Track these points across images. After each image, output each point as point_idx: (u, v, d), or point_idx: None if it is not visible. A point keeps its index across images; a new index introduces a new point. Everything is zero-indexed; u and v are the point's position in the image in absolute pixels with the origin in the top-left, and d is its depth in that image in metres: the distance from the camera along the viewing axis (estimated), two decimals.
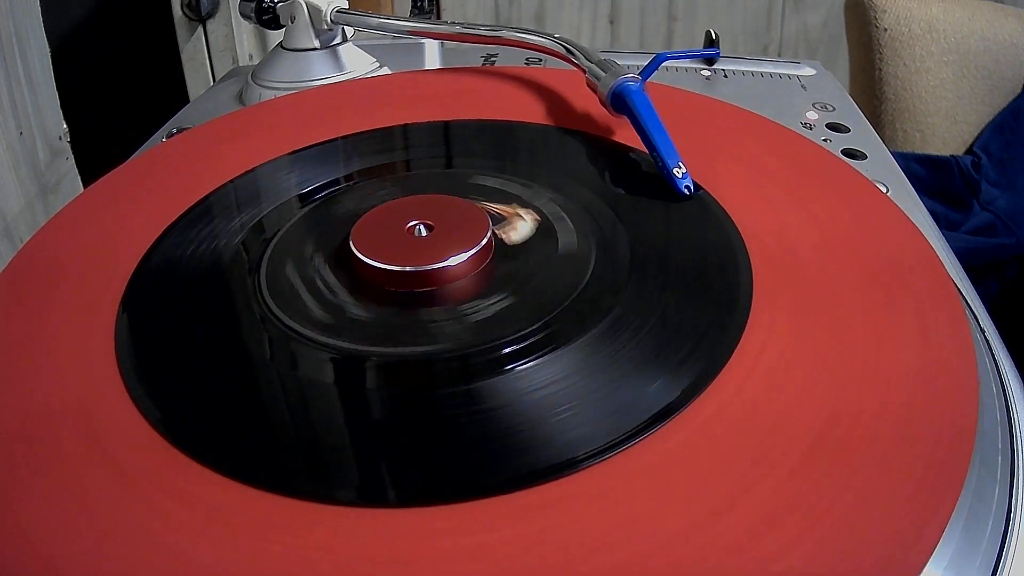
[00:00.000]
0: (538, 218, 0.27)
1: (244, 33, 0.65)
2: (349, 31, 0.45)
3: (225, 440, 0.20)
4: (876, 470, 0.18)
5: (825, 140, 0.38)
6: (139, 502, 0.19)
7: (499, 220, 0.27)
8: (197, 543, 0.18)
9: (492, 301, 0.24)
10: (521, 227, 0.25)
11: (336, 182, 0.31)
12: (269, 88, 0.43)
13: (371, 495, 0.19)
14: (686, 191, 0.28)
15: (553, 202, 0.28)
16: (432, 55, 0.49)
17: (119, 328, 0.24)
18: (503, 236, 0.26)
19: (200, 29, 0.64)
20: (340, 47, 0.44)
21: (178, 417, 0.21)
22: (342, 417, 0.21)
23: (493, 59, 0.49)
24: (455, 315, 0.24)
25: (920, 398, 0.20)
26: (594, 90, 0.33)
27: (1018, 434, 0.22)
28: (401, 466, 0.19)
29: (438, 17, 1.11)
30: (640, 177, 0.30)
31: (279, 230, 0.28)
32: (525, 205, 0.27)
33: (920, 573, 0.16)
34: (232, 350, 0.23)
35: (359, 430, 0.21)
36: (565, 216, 0.27)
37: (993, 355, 0.25)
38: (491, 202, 0.28)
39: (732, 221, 0.26)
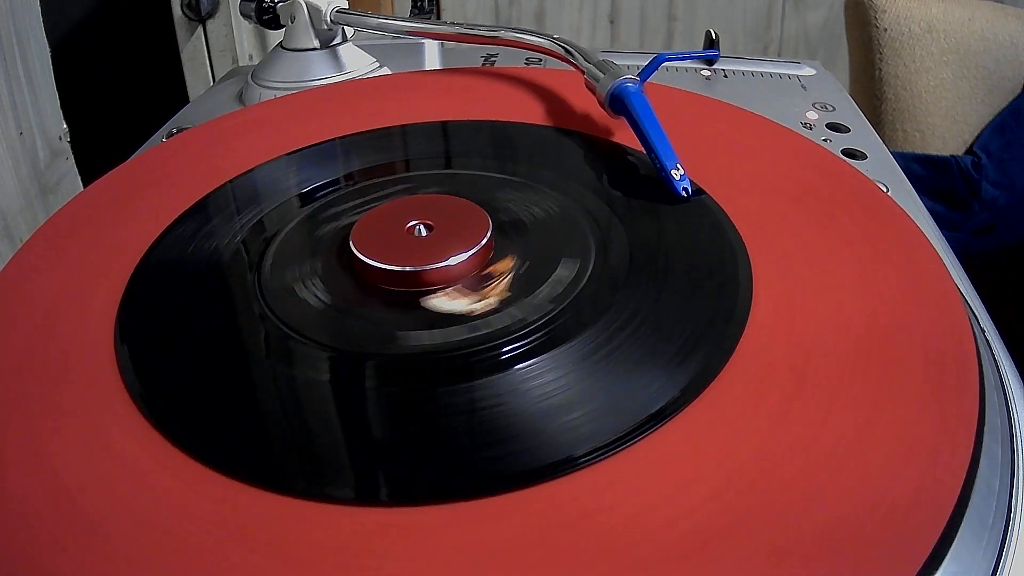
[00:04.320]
0: (492, 306, 0.23)
1: (244, 33, 0.65)
2: (349, 31, 0.45)
3: (224, 439, 0.20)
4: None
5: (825, 140, 0.38)
6: (138, 500, 0.19)
7: (479, 284, 0.25)
8: (196, 542, 0.18)
9: (491, 301, 0.24)
10: (458, 304, 0.23)
11: (336, 182, 0.31)
12: (269, 88, 0.43)
13: (370, 494, 0.19)
14: (684, 193, 0.28)
15: (552, 202, 0.28)
16: (432, 55, 0.49)
17: (118, 327, 0.24)
18: (438, 295, 0.24)
19: (200, 29, 0.64)
20: (340, 47, 0.44)
21: (178, 416, 0.21)
22: (341, 416, 0.21)
23: (493, 59, 0.49)
24: (454, 315, 0.24)
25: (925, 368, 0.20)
26: (593, 91, 0.33)
27: (1018, 434, 0.22)
28: (400, 465, 0.19)
29: (438, 17, 1.11)
30: (640, 178, 0.30)
31: (279, 230, 0.28)
32: (514, 289, 0.24)
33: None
34: (232, 350, 0.23)
35: (358, 429, 0.21)
36: (565, 216, 0.27)
37: (993, 355, 0.25)
38: (512, 261, 0.26)
39: (731, 221, 0.26)
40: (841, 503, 0.17)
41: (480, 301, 0.24)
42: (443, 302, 0.24)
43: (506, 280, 0.25)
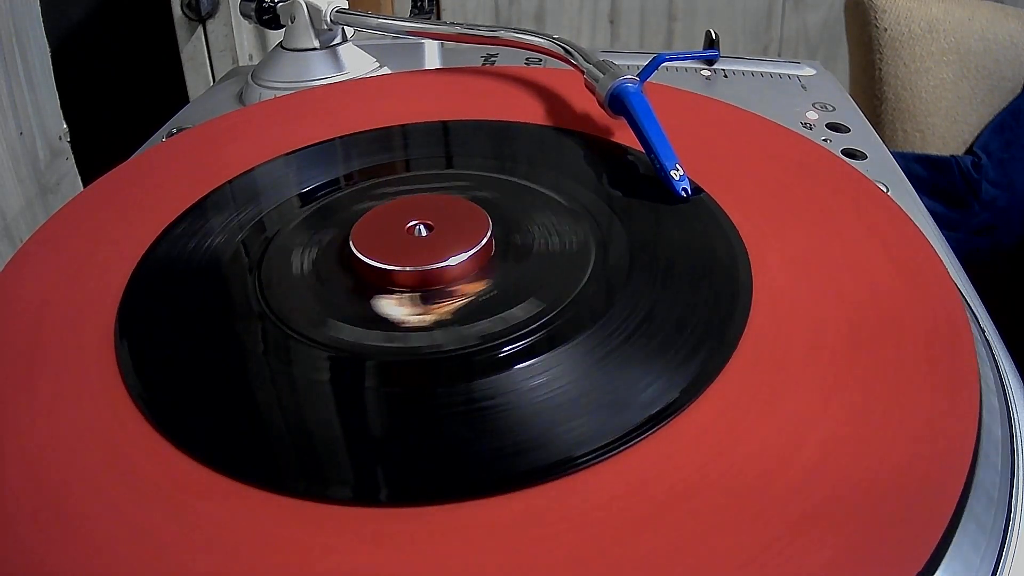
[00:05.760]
0: (427, 323, 0.23)
1: (244, 33, 0.65)
2: (349, 31, 0.45)
3: (224, 439, 0.20)
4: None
5: (825, 140, 0.38)
6: (137, 500, 0.19)
7: (432, 298, 0.24)
8: (195, 541, 0.18)
9: (492, 301, 0.24)
10: (397, 311, 0.23)
11: (336, 182, 0.31)
12: (269, 88, 0.43)
13: (368, 495, 0.19)
14: (683, 193, 0.28)
15: (552, 201, 0.28)
16: (432, 55, 0.49)
17: (118, 328, 0.24)
18: (388, 297, 0.24)
19: (200, 29, 0.64)
20: (340, 47, 0.44)
21: (177, 416, 0.21)
22: (340, 416, 0.21)
23: (493, 59, 0.49)
24: (455, 314, 0.24)
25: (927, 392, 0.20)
26: (592, 91, 0.33)
27: (1018, 434, 0.22)
28: (399, 466, 0.19)
29: (438, 17, 1.11)
30: (639, 178, 0.30)
31: (279, 230, 0.28)
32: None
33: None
34: (231, 349, 0.23)
35: (357, 430, 0.21)
36: (564, 216, 0.27)
37: (993, 355, 0.25)
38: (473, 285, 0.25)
39: (731, 221, 0.26)
40: (842, 504, 0.17)
41: (420, 315, 0.23)
42: (387, 304, 0.24)
43: (458, 304, 0.24)
